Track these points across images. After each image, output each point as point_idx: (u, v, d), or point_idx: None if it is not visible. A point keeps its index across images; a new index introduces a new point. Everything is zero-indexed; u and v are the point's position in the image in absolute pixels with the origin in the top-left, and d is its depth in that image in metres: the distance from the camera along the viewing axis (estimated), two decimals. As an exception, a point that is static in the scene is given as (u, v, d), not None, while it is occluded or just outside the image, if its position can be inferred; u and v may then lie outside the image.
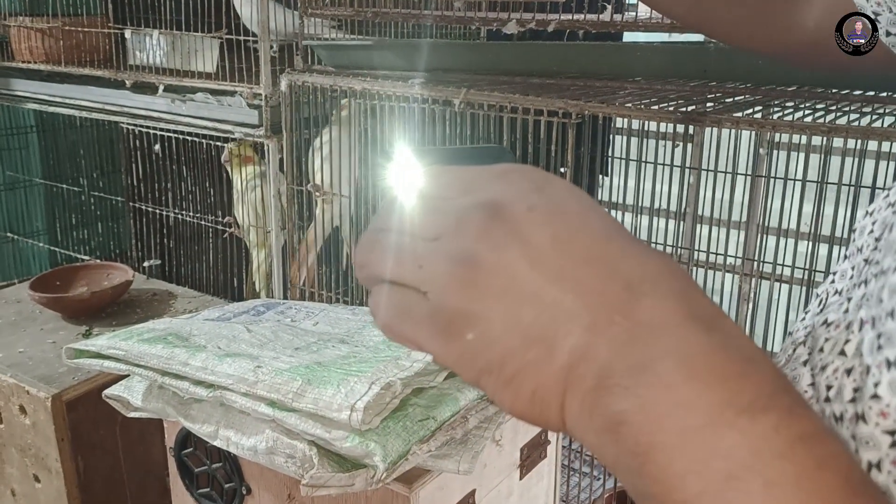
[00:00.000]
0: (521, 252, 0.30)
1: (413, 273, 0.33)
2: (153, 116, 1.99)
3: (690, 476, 0.27)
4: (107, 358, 1.06)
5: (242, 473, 1.11)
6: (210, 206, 2.13)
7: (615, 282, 0.30)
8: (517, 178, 0.33)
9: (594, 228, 0.31)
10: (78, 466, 1.45)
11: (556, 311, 0.30)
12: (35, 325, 1.72)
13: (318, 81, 1.63)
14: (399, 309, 0.33)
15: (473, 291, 0.31)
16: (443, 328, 0.31)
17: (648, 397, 0.28)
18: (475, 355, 0.31)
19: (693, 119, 1.15)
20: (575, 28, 1.35)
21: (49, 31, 2.16)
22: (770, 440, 0.27)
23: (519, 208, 0.31)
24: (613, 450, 0.29)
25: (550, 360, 0.30)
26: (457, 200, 0.33)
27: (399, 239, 0.33)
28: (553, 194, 0.32)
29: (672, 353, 0.28)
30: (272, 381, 0.92)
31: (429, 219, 0.33)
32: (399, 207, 0.34)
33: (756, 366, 0.29)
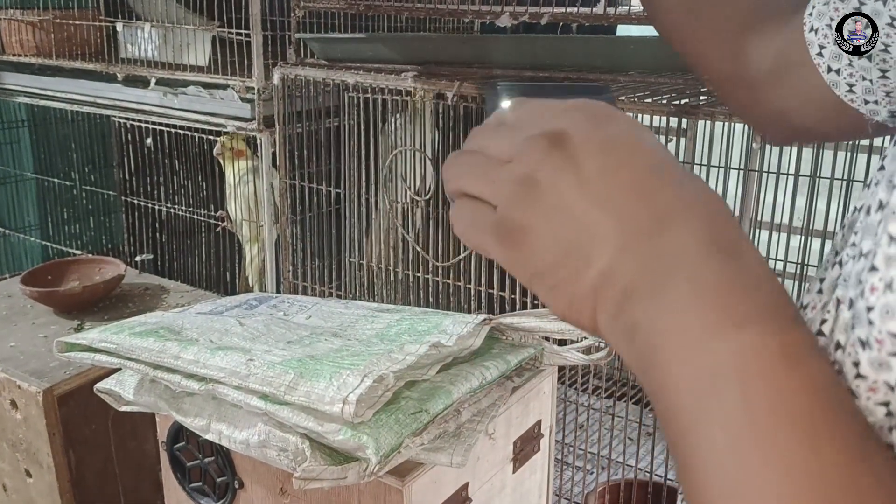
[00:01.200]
0: (573, 178, 0.35)
1: (486, 188, 0.38)
2: (145, 110, 1.98)
3: (680, 374, 0.32)
4: (98, 351, 1.06)
5: (235, 467, 1.11)
6: (203, 201, 2.13)
7: (649, 210, 0.34)
8: (583, 113, 0.37)
9: (640, 162, 0.35)
10: (70, 461, 1.45)
11: (595, 232, 0.34)
12: (26, 319, 1.71)
13: (311, 75, 1.63)
14: (473, 219, 0.39)
15: (530, 208, 0.36)
16: (504, 237, 0.37)
17: (659, 310, 0.33)
18: (527, 262, 0.36)
19: (686, 112, 1.15)
20: (568, 21, 1.34)
21: (40, 23, 2.14)
22: (753, 349, 0.31)
23: (577, 139, 0.35)
24: (631, 354, 0.34)
25: (586, 272, 0.35)
26: (530, 129, 0.37)
27: (479, 158, 0.39)
28: (610, 128, 0.36)
29: (686, 277, 0.33)
30: (264, 375, 0.92)
31: (505, 143, 0.38)
32: (485, 132, 0.40)
33: (759, 287, 0.33)
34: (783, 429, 0.30)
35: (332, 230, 1.82)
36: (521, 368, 1.11)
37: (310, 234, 1.82)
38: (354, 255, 1.78)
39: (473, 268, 1.56)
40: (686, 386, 0.32)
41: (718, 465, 0.30)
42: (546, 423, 1.23)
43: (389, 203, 1.70)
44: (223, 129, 1.83)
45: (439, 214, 1.65)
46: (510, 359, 1.07)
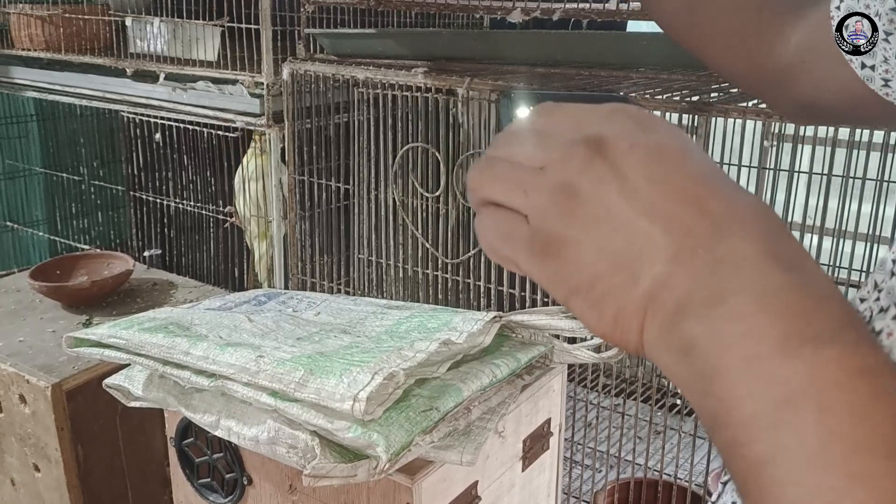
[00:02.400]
0: (619, 186, 0.33)
1: (518, 198, 0.36)
2: (154, 105, 1.98)
3: (750, 399, 0.29)
4: (107, 347, 1.05)
5: (243, 464, 1.10)
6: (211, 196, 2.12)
7: (703, 219, 0.32)
8: (623, 118, 0.35)
9: (689, 170, 0.33)
10: (78, 456, 1.45)
11: (645, 242, 0.32)
12: (35, 314, 1.71)
13: (321, 70, 1.62)
14: (502, 230, 0.37)
15: (571, 219, 0.34)
16: (540, 249, 0.35)
17: (720, 325, 0.30)
18: (567, 276, 0.34)
19: (699, 109, 1.14)
20: (580, 17, 1.33)
21: (49, 18, 2.14)
22: (830, 370, 0.28)
23: (621, 146, 0.34)
24: (685, 372, 0.31)
25: (634, 285, 0.33)
26: (565, 135, 0.35)
27: (509, 166, 0.36)
28: (655, 136, 0.34)
29: (748, 288, 0.30)
30: (274, 371, 0.91)
31: (538, 150, 0.36)
32: (512, 138, 0.38)
33: (828, 303, 0.30)
34: (869, 455, 0.27)
35: (341, 226, 1.81)
36: (531, 366, 1.10)
37: (318, 230, 1.81)
38: (363, 251, 1.77)
39: (483, 265, 1.55)
40: (757, 410, 0.29)
41: (801, 495, 0.28)
42: (556, 422, 1.22)
43: (399, 199, 1.69)
44: (232, 125, 1.82)
45: (448, 211, 1.64)
46: (520, 356, 1.07)
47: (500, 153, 0.38)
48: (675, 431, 1.63)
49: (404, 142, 1.63)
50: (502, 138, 0.38)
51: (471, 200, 0.39)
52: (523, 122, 0.39)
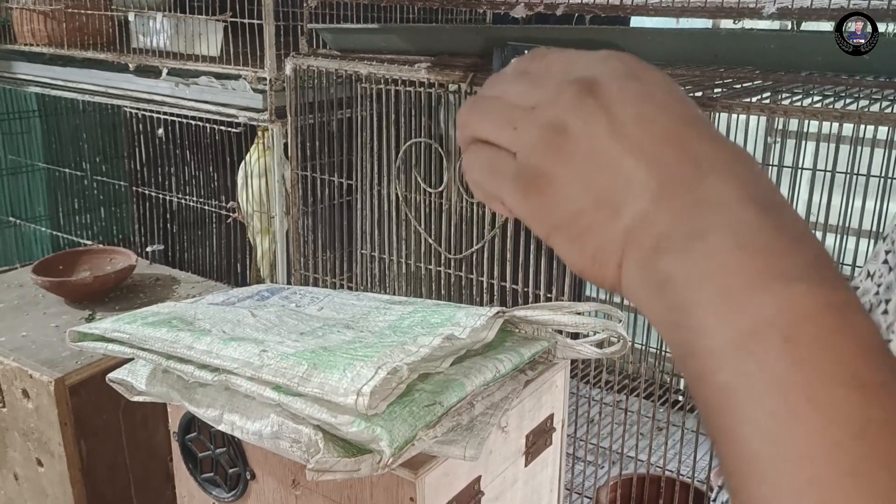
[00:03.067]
0: (607, 125, 0.33)
1: (507, 134, 0.36)
2: (156, 100, 1.98)
3: (718, 328, 0.29)
4: (111, 341, 1.05)
5: (247, 458, 1.10)
6: (213, 191, 2.12)
7: (687, 160, 0.32)
8: (616, 63, 0.35)
9: (677, 113, 0.34)
10: (81, 450, 1.45)
11: (629, 180, 0.33)
12: (38, 309, 1.71)
13: (323, 65, 1.62)
14: (489, 165, 0.37)
15: (558, 155, 0.34)
16: (524, 184, 0.35)
17: (695, 260, 0.31)
18: (549, 211, 0.35)
19: (703, 104, 1.14)
20: (584, 12, 1.33)
21: (52, 13, 2.14)
22: (797, 303, 0.29)
23: (612, 87, 0.34)
24: (658, 305, 0.32)
25: (615, 221, 0.33)
26: (557, 76, 0.36)
27: (500, 104, 0.37)
28: (646, 80, 0.35)
29: (725, 226, 0.31)
30: (277, 366, 0.91)
31: (529, 89, 0.36)
32: (504, 78, 0.38)
33: (801, 243, 0.31)
34: (836, 388, 0.27)
35: (344, 221, 1.81)
36: (535, 362, 1.10)
37: (321, 226, 1.81)
38: (366, 246, 1.77)
39: (486, 260, 1.55)
40: (725, 343, 0.29)
41: (765, 429, 0.28)
42: (558, 417, 1.22)
43: (402, 195, 1.69)
44: (235, 120, 1.82)
45: (451, 206, 1.64)
46: (523, 352, 1.07)
47: (492, 92, 0.38)
48: (678, 428, 1.63)
49: (407, 137, 1.62)
50: (494, 79, 0.39)
51: (459, 137, 0.40)
52: (516, 63, 0.39)
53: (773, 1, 1.09)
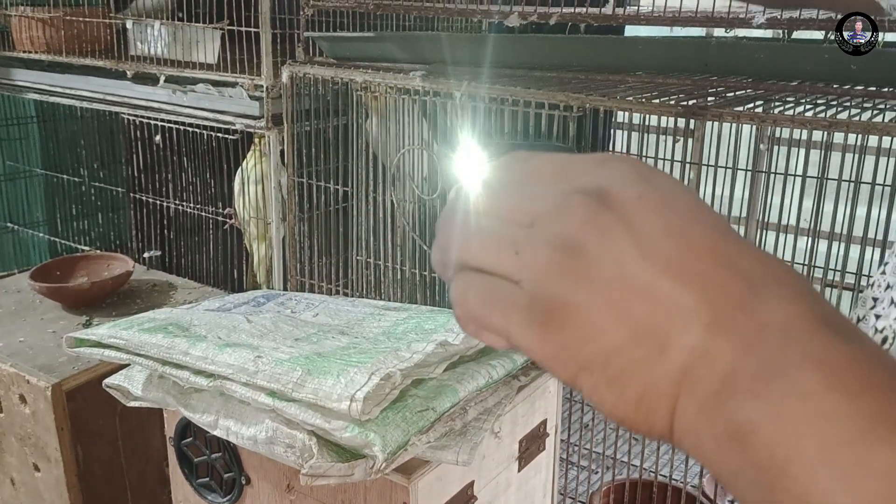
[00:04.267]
0: (632, 241, 0.28)
1: (508, 259, 0.30)
2: (154, 107, 1.99)
3: (839, 495, 0.24)
4: (107, 347, 1.06)
5: (242, 463, 1.11)
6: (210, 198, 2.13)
7: (736, 278, 0.28)
8: (620, 167, 0.30)
9: (708, 221, 0.29)
10: (77, 455, 1.46)
11: (671, 306, 0.27)
12: (35, 314, 1.72)
13: (320, 73, 1.63)
14: (488, 297, 0.30)
15: (577, 280, 0.28)
16: (541, 318, 0.29)
17: (784, 405, 0.25)
18: (576, 349, 0.29)
19: (694, 113, 1.15)
20: (577, 21, 1.35)
21: (50, 20, 2.15)
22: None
23: (627, 196, 0.29)
24: (737, 461, 0.26)
25: (663, 358, 0.28)
26: (553, 185, 0.31)
27: (490, 222, 0.31)
28: (661, 185, 0.30)
29: (809, 359, 0.26)
30: (272, 371, 0.92)
31: (522, 203, 0.31)
32: (483, 192, 0.32)
33: (891, 372, 0.26)
34: None
35: (339, 228, 1.82)
36: (528, 367, 1.11)
37: (317, 232, 1.82)
38: (361, 253, 1.78)
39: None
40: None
41: None
42: (551, 423, 1.23)
43: (397, 201, 1.70)
44: (231, 127, 1.83)
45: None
46: (516, 357, 1.08)
47: (471, 209, 0.32)
48: (671, 433, 1.63)
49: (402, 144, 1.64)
50: (467, 193, 0.33)
51: (438, 261, 0.33)
52: (493, 173, 0.33)
53: (762, 11, 1.11)
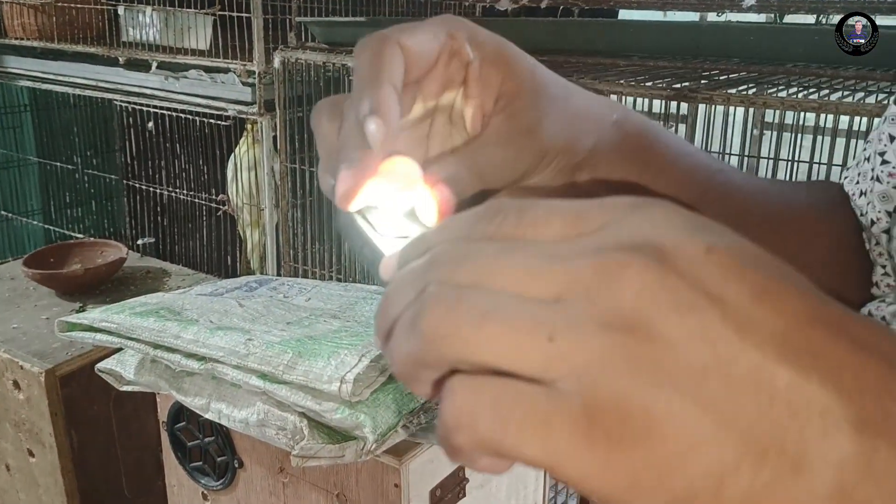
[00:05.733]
0: (718, 311, 0.20)
1: (538, 349, 0.21)
2: (146, 94, 1.98)
3: None
4: (99, 331, 1.07)
5: (234, 447, 1.12)
6: (204, 184, 2.13)
7: (866, 354, 0.21)
8: (661, 212, 0.23)
9: (792, 277, 0.22)
10: (72, 441, 1.46)
11: (795, 402, 0.20)
12: (29, 301, 1.72)
13: (312, 58, 1.63)
14: (515, 409, 0.21)
15: (652, 371, 0.20)
16: (603, 432, 0.20)
17: None
18: (665, 473, 0.20)
19: (685, 96, 1.15)
20: (568, 5, 1.35)
21: (42, 7, 2.14)
22: None
23: (691, 250, 0.21)
24: None
25: (802, 479, 0.20)
26: (578, 242, 0.22)
27: (493, 300, 0.22)
28: (720, 232, 0.22)
29: None
30: (263, 354, 0.93)
31: (541, 269, 0.22)
32: (469, 254, 0.23)
33: None
34: None
35: (333, 214, 1.82)
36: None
37: (310, 219, 1.82)
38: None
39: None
40: None
41: None
42: (543, 405, 1.24)
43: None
44: (224, 113, 1.83)
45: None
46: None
47: (464, 277, 0.22)
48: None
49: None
50: (449, 254, 0.24)
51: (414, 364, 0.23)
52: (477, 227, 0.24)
53: (752, -6, 1.11)
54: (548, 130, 0.37)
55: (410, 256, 0.25)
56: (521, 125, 0.37)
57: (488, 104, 0.37)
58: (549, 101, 0.38)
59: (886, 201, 0.47)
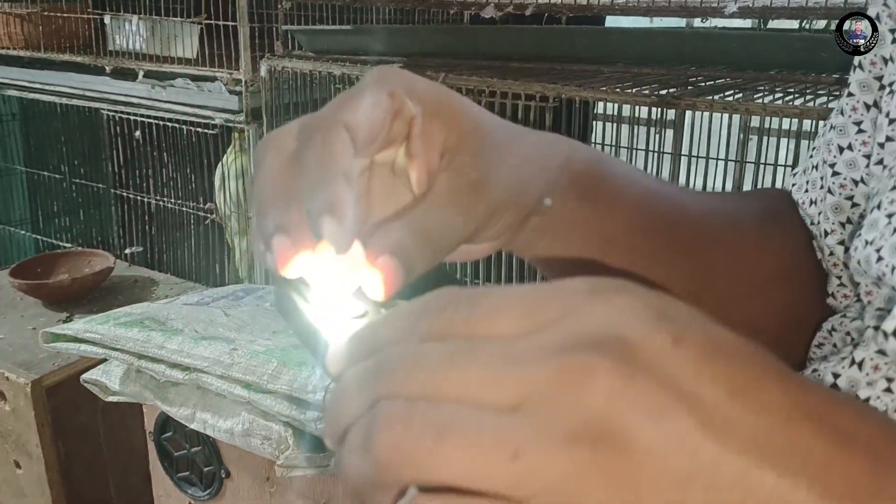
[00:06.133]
0: (696, 417, 0.19)
1: (501, 468, 0.19)
2: (133, 102, 1.98)
3: None
4: (83, 342, 1.07)
5: (221, 457, 1.12)
6: (192, 193, 2.13)
7: (851, 449, 0.20)
8: (623, 299, 0.21)
9: (766, 364, 0.21)
10: (59, 452, 1.45)
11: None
12: (15, 311, 1.71)
13: (299, 66, 1.63)
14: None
15: (629, 489, 0.19)
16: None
17: None
18: None
19: (668, 103, 1.16)
20: (552, 12, 1.35)
21: (28, 16, 2.14)
22: None
23: (658, 343, 0.20)
24: None
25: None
26: (534, 339, 0.21)
27: (446, 412, 0.20)
28: (687, 319, 0.21)
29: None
30: (248, 363, 0.93)
31: (496, 373, 0.20)
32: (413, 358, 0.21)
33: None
34: None
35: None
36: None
37: (298, 226, 1.82)
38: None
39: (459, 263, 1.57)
40: None
41: None
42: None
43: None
44: (211, 121, 1.83)
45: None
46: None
47: (416, 388, 0.21)
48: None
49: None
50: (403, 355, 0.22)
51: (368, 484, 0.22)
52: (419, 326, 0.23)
53: (734, 0, 1.11)
54: (496, 185, 0.36)
55: (358, 353, 0.24)
56: (469, 182, 0.35)
57: (433, 161, 0.35)
58: (496, 153, 0.36)
59: (839, 212, 0.47)
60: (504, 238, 0.39)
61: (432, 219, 0.33)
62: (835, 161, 0.47)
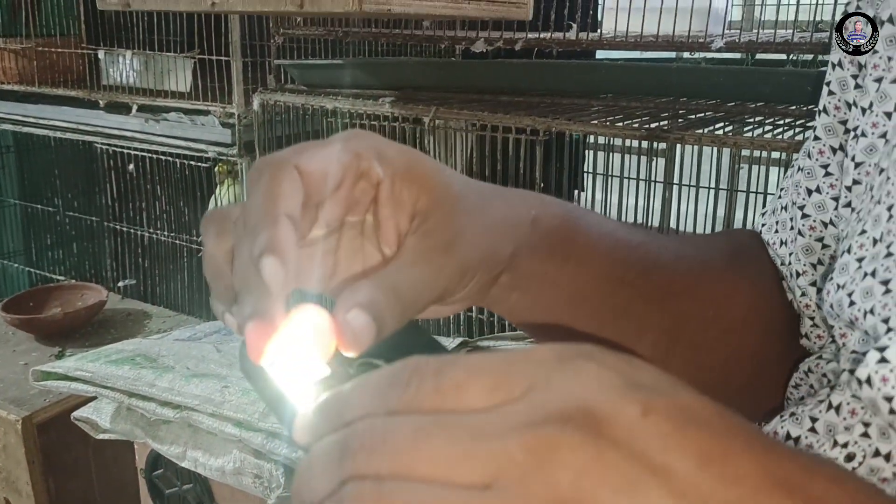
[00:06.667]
0: (667, 490, 0.19)
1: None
2: (127, 136, 1.99)
3: None
4: (74, 380, 1.06)
5: (213, 494, 1.11)
6: (185, 226, 2.13)
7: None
8: (589, 368, 0.21)
9: (740, 429, 0.21)
10: (49, 489, 1.44)
11: None
12: (7, 346, 1.71)
13: (291, 100, 1.64)
14: None
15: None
16: None
17: None
18: None
19: (657, 136, 1.17)
20: (542, 46, 1.36)
21: (23, 51, 2.15)
22: None
23: (628, 414, 0.20)
24: None
25: None
26: (503, 413, 0.21)
27: (412, 496, 0.20)
28: (653, 385, 0.21)
29: None
30: (239, 401, 0.92)
31: (466, 450, 0.20)
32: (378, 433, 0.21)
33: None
34: None
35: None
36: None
37: (292, 258, 1.82)
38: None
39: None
40: None
41: None
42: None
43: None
44: (204, 155, 1.83)
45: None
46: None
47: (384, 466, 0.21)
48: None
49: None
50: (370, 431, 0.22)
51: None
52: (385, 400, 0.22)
53: (721, 35, 1.13)
54: (466, 246, 0.36)
55: (325, 425, 0.24)
56: (439, 244, 0.35)
57: (403, 223, 0.35)
58: (466, 215, 0.36)
59: (810, 254, 0.47)
60: (475, 296, 0.39)
61: (403, 277, 0.33)
62: (804, 203, 0.48)
